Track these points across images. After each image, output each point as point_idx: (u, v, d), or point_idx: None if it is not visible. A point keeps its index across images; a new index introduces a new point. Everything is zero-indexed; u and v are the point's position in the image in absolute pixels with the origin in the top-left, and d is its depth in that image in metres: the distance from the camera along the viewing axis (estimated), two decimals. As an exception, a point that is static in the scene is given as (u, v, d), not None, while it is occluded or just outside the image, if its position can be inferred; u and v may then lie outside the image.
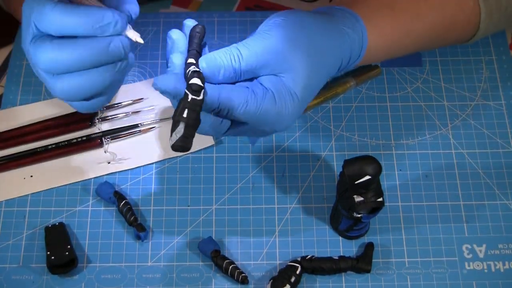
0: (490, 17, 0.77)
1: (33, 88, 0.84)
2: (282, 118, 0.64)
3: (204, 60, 0.63)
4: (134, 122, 0.81)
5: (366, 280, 0.72)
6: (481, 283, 0.72)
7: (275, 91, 0.63)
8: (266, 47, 0.63)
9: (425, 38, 0.76)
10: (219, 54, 0.63)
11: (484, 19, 0.77)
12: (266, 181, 0.78)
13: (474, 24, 0.77)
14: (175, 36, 0.64)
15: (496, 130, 0.81)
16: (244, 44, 0.64)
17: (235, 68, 0.63)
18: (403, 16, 0.73)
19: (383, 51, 0.74)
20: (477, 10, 0.76)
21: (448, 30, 0.77)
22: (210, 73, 0.63)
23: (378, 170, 0.66)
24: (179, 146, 0.59)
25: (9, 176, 0.79)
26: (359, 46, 0.69)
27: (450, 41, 0.80)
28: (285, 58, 0.63)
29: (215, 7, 0.92)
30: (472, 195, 0.77)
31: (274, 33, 0.64)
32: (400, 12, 0.73)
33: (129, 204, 0.75)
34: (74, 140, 0.80)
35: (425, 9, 0.74)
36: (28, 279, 0.72)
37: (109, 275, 0.73)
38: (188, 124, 0.59)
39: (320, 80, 0.66)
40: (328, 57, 0.66)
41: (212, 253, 0.72)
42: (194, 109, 0.59)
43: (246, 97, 0.62)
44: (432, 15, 0.75)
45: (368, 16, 0.71)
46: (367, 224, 0.74)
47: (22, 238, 0.75)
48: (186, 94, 0.60)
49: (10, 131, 0.81)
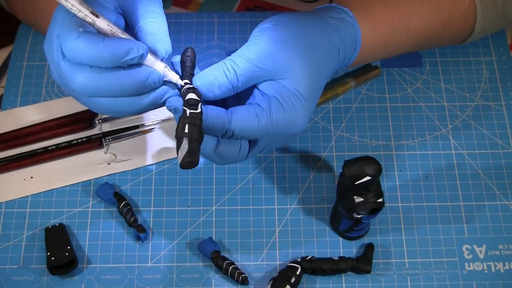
0: (486, 15, 0.77)
1: (33, 89, 0.84)
2: (295, 120, 0.64)
3: (197, 78, 0.63)
4: (134, 123, 0.81)
5: (366, 280, 0.72)
6: (481, 283, 0.72)
7: (279, 97, 0.63)
8: (259, 52, 0.63)
9: (422, 35, 0.76)
10: (212, 69, 0.63)
11: (480, 18, 0.77)
12: (266, 182, 0.78)
13: (470, 23, 0.77)
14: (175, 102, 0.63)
15: (496, 130, 0.81)
16: (237, 54, 0.64)
17: (231, 80, 0.63)
18: (397, 10, 0.74)
19: (380, 47, 0.74)
20: (472, 8, 0.76)
21: (444, 28, 0.77)
22: (206, 90, 0.63)
23: (378, 171, 0.66)
24: (187, 162, 0.60)
25: (9, 177, 0.79)
26: (352, 37, 0.69)
27: (447, 40, 0.80)
28: (280, 60, 0.63)
29: (215, 7, 0.92)
30: (472, 196, 0.77)
31: (264, 38, 0.64)
32: (394, 6, 0.73)
33: (129, 205, 0.75)
34: (74, 141, 0.80)
35: (420, 5, 0.74)
36: (28, 280, 0.72)
37: (109, 276, 0.73)
38: (192, 138, 0.59)
39: (320, 74, 0.66)
40: (321, 50, 0.66)
41: (212, 253, 0.72)
42: (195, 123, 0.60)
43: (255, 112, 0.62)
44: (428, 11, 0.75)
45: (361, 10, 0.71)
46: (367, 225, 0.74)
47: (22, 239, 0.75)
48: (184, 110, 0.60)
49: (11, 132, 0.81)
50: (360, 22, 0.70)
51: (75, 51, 0.59)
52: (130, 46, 0.59)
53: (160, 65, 0.62)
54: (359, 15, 0.71)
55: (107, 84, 0.60)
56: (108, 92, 0.61)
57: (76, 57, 0.59)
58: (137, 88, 0.61)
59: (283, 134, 0.65)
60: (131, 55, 0.59)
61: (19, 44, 0.88)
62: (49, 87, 0.85)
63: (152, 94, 0.62)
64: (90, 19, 0.61)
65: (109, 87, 0.60)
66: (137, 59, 0.60)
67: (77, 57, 0.59)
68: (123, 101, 0.62)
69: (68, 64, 0.61)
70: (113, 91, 0.61)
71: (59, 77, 0.63)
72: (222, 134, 0.63)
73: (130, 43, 0.60)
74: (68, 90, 0.63)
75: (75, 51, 0.59)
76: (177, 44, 0.87)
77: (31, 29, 0.88)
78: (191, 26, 0.89)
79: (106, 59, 0.59)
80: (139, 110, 0.63)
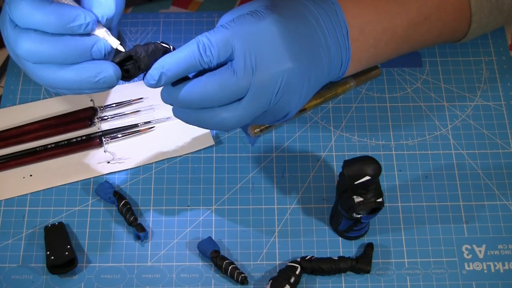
0: (481, 9, 0.77)
1: (32, 87, 0.84)
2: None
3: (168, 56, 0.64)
4: (133, 122, 0.81)
5: (365, 280, 0.72)
6: (480, 283, 0.72)
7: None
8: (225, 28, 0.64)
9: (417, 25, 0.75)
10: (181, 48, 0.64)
11: (475, 11, 0.77)
12: (265, 182, 0.78)
13: (467, 15, 0.77)
14: None
15: (496, 130, 0.81)
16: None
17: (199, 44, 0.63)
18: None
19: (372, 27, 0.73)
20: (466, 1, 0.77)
21: (439, 18, 0.76)
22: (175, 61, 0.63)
23: (377, 171, 0.66)
24: None
25: (8, 175, 0.79)
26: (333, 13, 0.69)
27: (446, 35, 0.80)
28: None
29: (215, 7, 0.92)
30: (471, 196, 0.77)
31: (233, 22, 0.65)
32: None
33: (129, 204, 0.75)
34: (73, 139, 0.80)
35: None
36: (28, 279, 0.72)
37: (108, 275, 0.73)
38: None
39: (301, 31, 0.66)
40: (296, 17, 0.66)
41: (211, 253, 0.72)
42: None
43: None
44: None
45: None
46: (367, 225, 0.74)
47: (22, 237, 0.75)
48: None
49: (10, 130, 0.81)
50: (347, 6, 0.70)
51: (21, 14, 0.58)
52: (77, 13, 0.59)
53: (101, 30, 0.61)
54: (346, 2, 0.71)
55: (50, 50, 0.59)
56: (51, 58, 0.60)
57: (22, 21, 0.59)
58: (81, 55, 0.60)
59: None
60: (77, 22, 0.59)
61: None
62: (48, 86, 0.84)
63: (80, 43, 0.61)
64: None
65: (52, 52, 0.59)
66: (84, 27, 0.59)
67: (23, 20, 0.59)
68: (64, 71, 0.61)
69: (13, 29, 0.60)
70: (56, 57, 0.60)
71: (7, 44, 0.63)
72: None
73: (78, 10, 0.59)
74: (14, 57, 0.63)
75: (21, 14, 0.58)
76: (177, 43, 0.87)
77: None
78: (191, 26, 0.89)
79: (51, 23, 0.58)
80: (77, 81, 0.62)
